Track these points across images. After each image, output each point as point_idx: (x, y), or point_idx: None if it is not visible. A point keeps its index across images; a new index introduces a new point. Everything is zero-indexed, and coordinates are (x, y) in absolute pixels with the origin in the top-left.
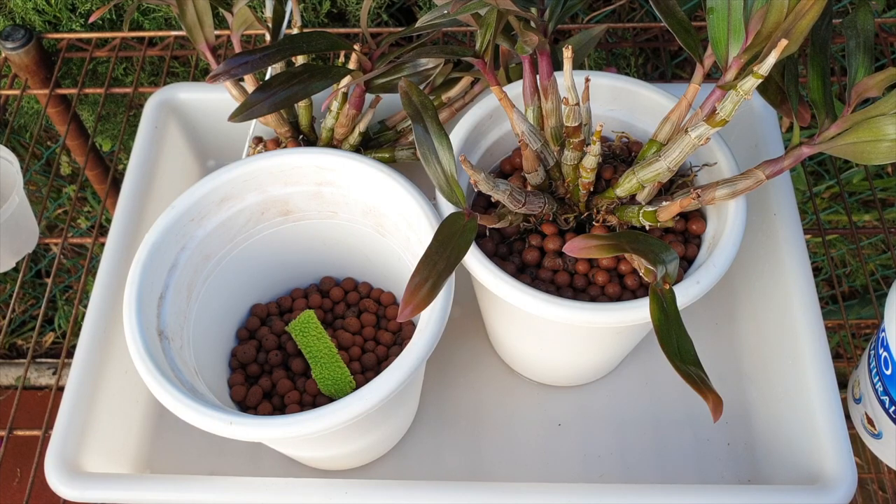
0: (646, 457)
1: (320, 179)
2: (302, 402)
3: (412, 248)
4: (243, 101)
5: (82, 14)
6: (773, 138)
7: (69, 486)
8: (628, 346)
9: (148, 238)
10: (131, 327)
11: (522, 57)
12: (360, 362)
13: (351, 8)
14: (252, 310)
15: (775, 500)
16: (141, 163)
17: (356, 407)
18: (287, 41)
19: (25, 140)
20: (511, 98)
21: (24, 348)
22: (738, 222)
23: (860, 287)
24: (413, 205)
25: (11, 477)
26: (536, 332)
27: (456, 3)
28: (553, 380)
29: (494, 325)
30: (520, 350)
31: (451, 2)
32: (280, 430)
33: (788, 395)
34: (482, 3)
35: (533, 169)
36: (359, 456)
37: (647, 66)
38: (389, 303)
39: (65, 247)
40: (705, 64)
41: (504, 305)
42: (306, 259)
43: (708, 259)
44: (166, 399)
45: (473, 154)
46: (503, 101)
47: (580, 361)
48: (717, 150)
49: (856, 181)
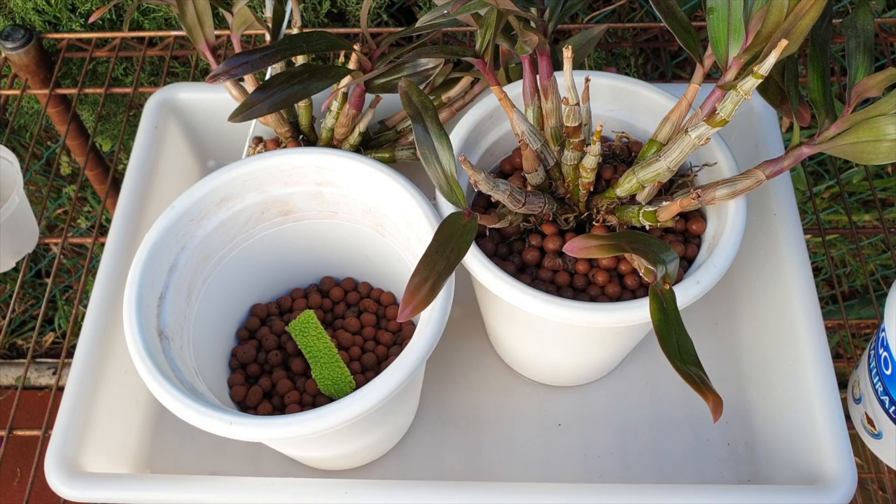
0: (646, 457)
1: (320, 179)
2: (302, 402)
3: (412, 248)
4: (243, 101)
5: (82, 14)
6: (773, 138)
7: (69, 486)
8: (628, 346)
9: (148, 238)
10: (131, 327)
11: (522, 57)
12: (360, 362)
13: (351, 8)
14: (252, 310)
15: (775, 500)
16: (141, 163)
17: (356, 407)
18: (287, 41)
19: (25, 140)
20: (511, 98)
21: (24, 348)
22: (738, 222)
23: (860, 287)
24: (413, 205)
25: (11, 477)
26: (536, 332)
27: (456, 3)
28: (553, 380)
29: (494, 325)
30: (520, 350)
31: (451, 2)
32: (280, 430)
33: (788, 395)
34: (482, 3)
35: (533, 169)
36: (359, 456)
37: (647, 66)
38: (389, 303)
39: (65, 247)
40: (705, 64)
41: (504, 305)
42: (306, 259)
43: (708, 259)
44: (166, 399)
45: (473, 154)
46: (503, 101)
47: (580, 361)
48: (717, 150)
49: (856, 181)
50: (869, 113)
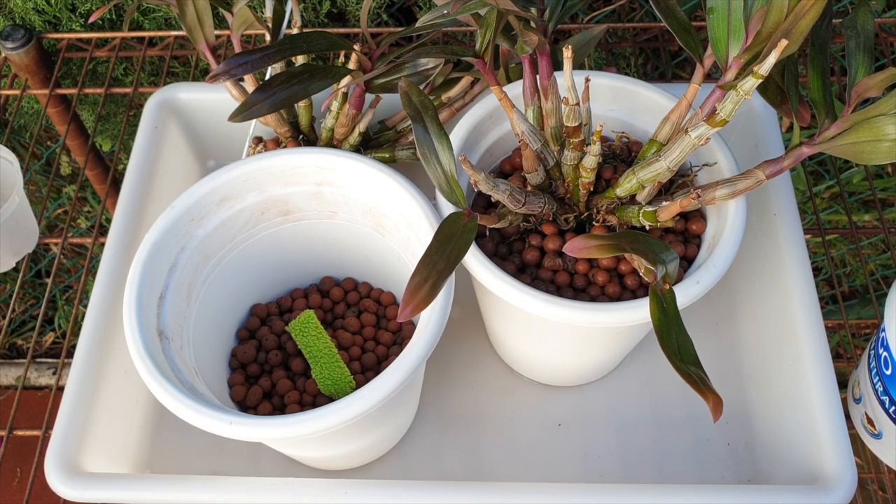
0: (646, 457)
1: (320, 179)
2: (302, 402)
3: (412, 248)
4: (243, 101)
5: (82, 14)
6: (773, 138)
7: (69, 486)
8: (628, 346)
9: (148, 238)
10: (131, 327)
11: (522, 57)
12: (360, 362)
13: (351, 8)
14: (252, 310)
15: (775, 500)
16: (141, 163)
17: (356, 407)
18: (287, 41)
19: (25, 140)
20: (511, 98)
21: (24, 348)
22: (738, 222)
23: (860, 287)
24: (413, 205)
25: (11, 477)
26: (537, 332)
27: (456, 3)
28: (553, 380)
29: (494, 326)
30: (520, 350)
31: (451, 2)
32: (280, 430)
33: (788, 395)
34: (482, 3)
35: (533, 169)
36: (359, 456)
37: (647, 66)
38: (389, 303)
39: (65, 247)
40: (705, 64)
41: (504, 305)
42: (306, 259)
43: (708, 259)
44: (166, 399)
45: (473, 154)
46: (503, 101)
47: (580, 361)
48: (718, 150)
49: (856, 181)
50: (869, 113)
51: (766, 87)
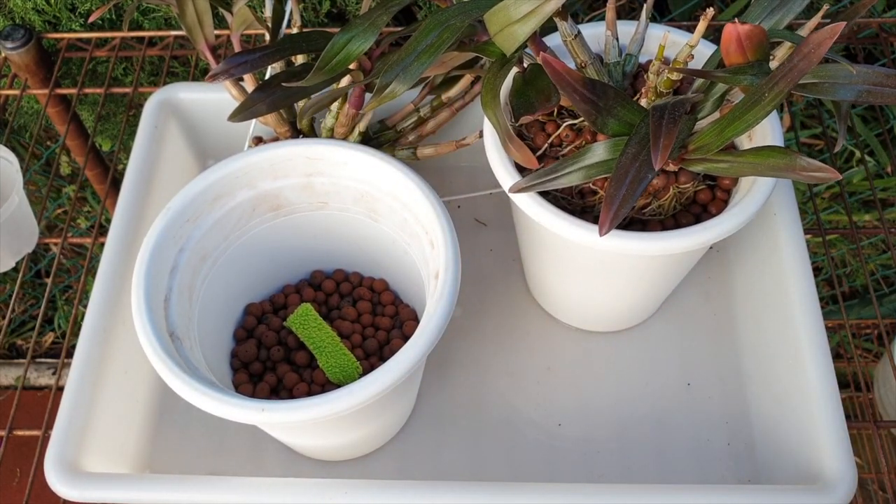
0: (646, 457)
1: (311, 170)
2: (311, 392)
3: (409, 229)
4: (243, 101)
5: (82, 14)
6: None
7: (69, 486)
8: (674, 282)
9: (147, 241)
10: (145, 330)
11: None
12: (363, 348)
13: (351, 8)
14: (247, 309)
15: (775, 500)
16: (141, 163)
17: (387, 378)
18: (287, 41)
19: (25, 140)
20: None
21: (24, 348)
22: (766, 184)
23: (860, 287)
24: (407, 183)
25: (11, 477)
26: (600, 271)
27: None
28: (593, 324)
29: (540, 269)
30: (564, 292)
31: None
32: (314, 410)
33: (788, 395)
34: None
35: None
36: (361, 446)
37: None
38: (382, 289)
39: (64, 247)
40: None
41: (561, 248)
42: (296, 254)
43: (742, 200)
44: (194, 397)
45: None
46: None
47: (632, 297)
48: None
49: (856, 181)
50: None
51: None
